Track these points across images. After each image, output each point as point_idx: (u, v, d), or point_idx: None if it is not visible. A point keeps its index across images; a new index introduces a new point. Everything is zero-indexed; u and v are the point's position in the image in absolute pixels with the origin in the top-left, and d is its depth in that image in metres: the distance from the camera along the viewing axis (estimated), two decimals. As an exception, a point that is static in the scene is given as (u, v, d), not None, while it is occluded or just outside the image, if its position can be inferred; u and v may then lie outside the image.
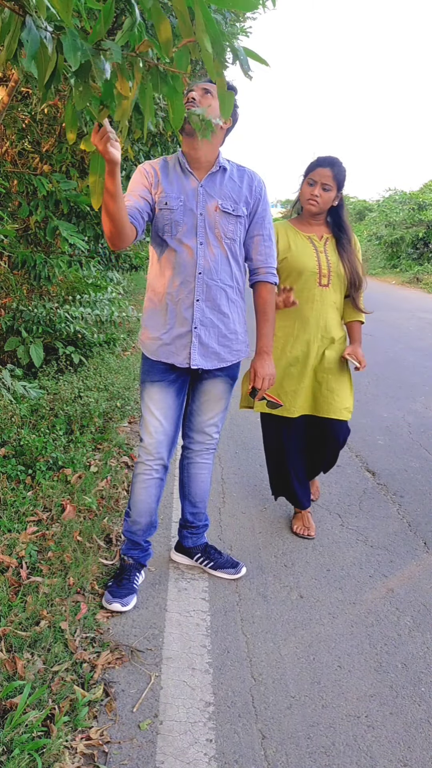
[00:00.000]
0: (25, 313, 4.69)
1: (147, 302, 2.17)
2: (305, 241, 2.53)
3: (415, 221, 17.91)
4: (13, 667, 1.78)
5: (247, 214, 2.10)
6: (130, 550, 2.29)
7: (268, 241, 2.15)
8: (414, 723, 1.71)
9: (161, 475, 2.24)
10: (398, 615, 2.18)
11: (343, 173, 2.45)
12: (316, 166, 2.44)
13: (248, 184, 2.12)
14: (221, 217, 2.05)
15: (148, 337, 2.14)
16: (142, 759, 1.56)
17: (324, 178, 2.42)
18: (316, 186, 2.43)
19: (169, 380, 2.15)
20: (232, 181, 2.09)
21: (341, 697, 1.80)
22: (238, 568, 2.38)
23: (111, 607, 2.14)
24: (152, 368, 2.15)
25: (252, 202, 2.11)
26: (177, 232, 2.02)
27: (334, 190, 2.44)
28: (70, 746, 1.55)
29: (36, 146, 4.65)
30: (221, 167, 2.07)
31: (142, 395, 2.19)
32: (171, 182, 2.04)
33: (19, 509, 2.67)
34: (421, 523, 2.88)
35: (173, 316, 2.09)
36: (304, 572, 2.44)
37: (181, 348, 2.10)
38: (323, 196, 2.44)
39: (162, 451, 2.20)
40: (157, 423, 2.16)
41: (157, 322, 2.12)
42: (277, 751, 1.60)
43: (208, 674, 1.86)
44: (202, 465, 2.35)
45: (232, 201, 2.07)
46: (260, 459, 3.62)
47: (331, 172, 2.41)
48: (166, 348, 2.11)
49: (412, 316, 9.57)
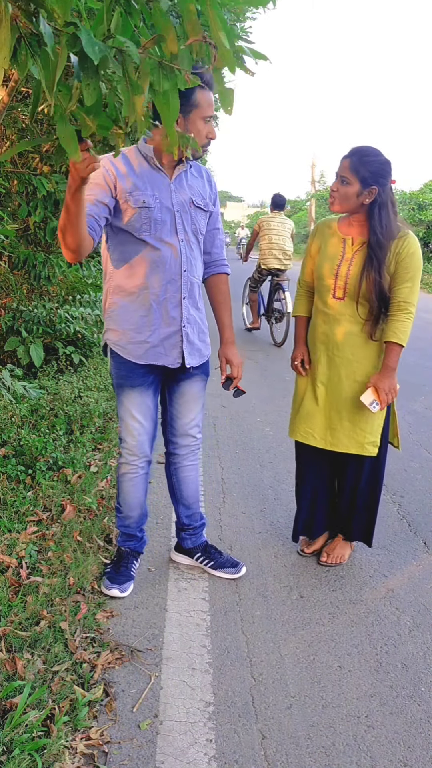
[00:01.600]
0: (25, 313, 4.69)
1: (114, 305, 2.08)
2: (338, 244, 2.25)
3: (415, 221, 17.91)
4: (13, 667, 1.78)
5: (211, 209, 2.15)
6: (126, 542, 2.35)
7: (221, 234, 2.24)
8: (414, 723, 1.71)
9: (146, 470, 2.28)
10: (398, 615, 2.18)
11: (371, 164, 2.09)
12: (342, 158, 2.17)
13: (207, 179, 2.16)
14: (196, 212, 2.07)
15: (129, 341, 2.07)
16: (142, 759, 1.56)
17: (342, 170, 2.14)
18: (337, 179, 2.17)
19: (149, 383, 2.14)
20: (194, 176, 2.11)
21: (341, 697, 1.80)
22: (238, 568, 2.38)
23: (110, 593, 2.20)
24: (132, 372, 2.10)
25: (213, 197, 2.16)
26: (157, 230, 1.99)
27: (355, 185, 2.11)
28: (70, 746, 1.55)
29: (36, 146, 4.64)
30: (188, 164, 2.07)
31: (121, 399, 2.16)
32: (142, 179, 1.96)
33: (19, 509, 2.67)
34: (421, 523, 2.87)
35: (159, 316, 2.06)
36: (304, 572, 2.44)
37: (171, 348, 2.09)
38: (340, 190, 2.15)
39: (145, 449, 2.23)
40: (139, 425, 2.17)
41: (137, 324, 2.06)
42: (277, 751, 1.60)
43: (208, 674, 1.86)
44: (190, 467, 2.35)
45: (201, 197, 2.09)
46: (260, 459, 3.62)
47: (350, 163, 2.11)
48: (155, 350, 2.08)
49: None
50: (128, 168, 1.96)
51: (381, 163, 2.11)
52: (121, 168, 1.95)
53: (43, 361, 4.62)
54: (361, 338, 2.24)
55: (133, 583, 2.28)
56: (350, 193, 2.13)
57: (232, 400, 4.85)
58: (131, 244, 2.00)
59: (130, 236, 1.99)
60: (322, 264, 2.27)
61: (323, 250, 2.29)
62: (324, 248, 2.29)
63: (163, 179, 2.00)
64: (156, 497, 3.01)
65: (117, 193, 1.94)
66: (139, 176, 1.96)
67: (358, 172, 2.10)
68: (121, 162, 1.96)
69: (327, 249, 2.27)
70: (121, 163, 1.96)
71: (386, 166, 2.12)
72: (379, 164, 2.11)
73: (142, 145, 2.00)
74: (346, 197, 2.14)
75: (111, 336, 2.11)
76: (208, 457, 3.61)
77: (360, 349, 2.25)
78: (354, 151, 2.13)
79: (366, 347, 2.24)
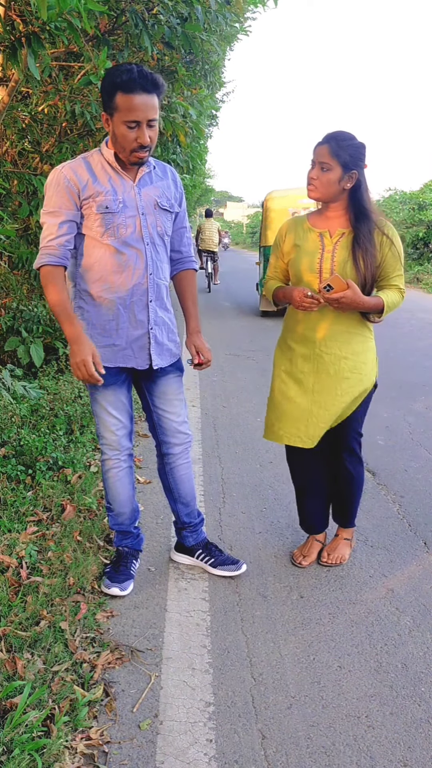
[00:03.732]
0: (25, 313, 4.69)
1: (80, 309, 2.07)
2: (315, 239, 2.19)
3: (416, 221, 17.90)
4: (13, 667, 1.78)
5: (177, 209, 2.16)
6: (123, 541, 2.36)
7: (188, 232, 2.26)
8: (414, 723, 1.71)
9: (129, 463, 2.29)
10: (398, 615, 2.18)
11: (349, 148, 2.05)
12: (316, 145, 2.12)
13: (173, 179, 2.16)
14: (161, 214, 2.08)
15: (97, 345, 2.04)
16: (142, 759, 1.56)
17: (321, 156, 2.07)
18: (315, 167, 2.11)
19: (121, 381, 2.16)
20: (158, 177, 2.11)
21: (341, 697, 1.80)
22: (239, 565, 2.38)
23: (110, 591, 2.20)
24: (103, 375, 2.07)
25: (179, 197, 2.16)
26: (121, 234, 1.99)
27: (336, 170, 2.06)
28: (70, 746, 1.55)
29: (36, 146, 4.65)
30: (151, 165, 2.07)
31: (95, 397, 2.17)
32: (104, 184, 1.96)
33: (19, 509, 2.67)
34: (421, 523, 2.87)
35: (125, 319, 2.06)
36: (304, 572, 2.44)
37: (139, 350, 2.11)
38: (321, 178, 2.08)
39: (125, 443, 2.25)
40: (116, 421, 2.19)
41: (105, 328, 2.06)
42: (277, 751, 1.60)
43: (208, 674, 1.86)
44: (185, 465, 2.35)
45: (166, 198, 2.10)
46: (260, 459, 3.62)
47: (329, 149, 2.05)
48: (123, 353, 2.10)
49: (413, 317, 9.57)
50: (90, 174, 1.96)
51: (357, 147, 2.08)
52: (83, 175, 1.95)
53: (43, 361, 4.63)
54: (348, 333, 2.21)
55: (133, 582, 2.28)
56: (332, 180, 2.08)
57: (232, 400, 4.86)
58: (96, 249, 2.00)
59: (94, 241, 2.00)
60: (299, 261, 2.21)
61: (300, 247, 2.22)
62: (301, 246, 2.22)
63: (126, 183, 2.00)
64: (156, 497, 3.01)
65: (81, 202, 1.95)
66: (102, 181, 1.97)
67: (339, 157, 2.06)
68: (83, 168, 1.96)
69: (304, 246, 2.21)
70: (84, 170, 1.96)
71: (362, 149, 2.10)
72: (356, 148, 2.08)
73: (105, 150, 2.00)
74: (328, 184, 2.09)
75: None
76: (208, 457, 3.61)
77: (347, 345, 2.22)
78: (330, 136, 2.09)
79: (353, 341, 2.22)
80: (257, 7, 6.27)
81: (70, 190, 1.94)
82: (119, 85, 1.85)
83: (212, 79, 6.46)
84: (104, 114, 1.93)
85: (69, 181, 1.94)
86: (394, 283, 2.18)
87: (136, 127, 1.88)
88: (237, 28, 6.50)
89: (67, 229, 1.95)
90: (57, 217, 1.94)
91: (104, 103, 1.92)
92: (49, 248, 1.95)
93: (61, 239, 1.94)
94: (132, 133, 1.89)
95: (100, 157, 2.01)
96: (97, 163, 1.99)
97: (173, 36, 3.57)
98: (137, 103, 1.85)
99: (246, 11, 6.35)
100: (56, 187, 1.95)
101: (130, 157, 1.95)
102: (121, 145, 1.93)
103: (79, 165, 1.97)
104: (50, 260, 1.94)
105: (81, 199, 1.95)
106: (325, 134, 2.11)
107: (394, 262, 2.16)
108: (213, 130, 14.22)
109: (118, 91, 1.85)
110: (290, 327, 2.32)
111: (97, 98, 3.86)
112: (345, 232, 2.15)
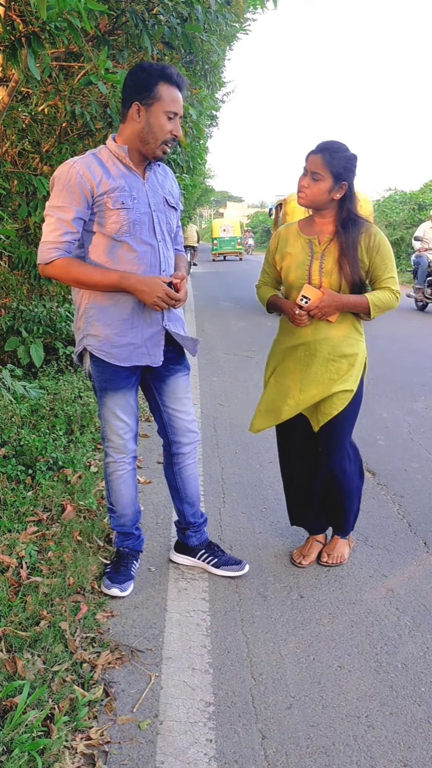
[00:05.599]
0: (26, 313, 4.70)
1: (92, 309, 2.04)
2: (305, 246, 2.24)
3: (416, 221, 17.89)
4: (13, 667, 1.78)
5: (180, 207, 2.19)
6: (124, 541, 2.36)
7: (181, 230, 2.29)
8: (414, 723, 1.71)
9: (133, 465, 2.30)
10: (398, 615, 2.18)
11: (343, 160, 2.10)
12: (308, 154, 2.16)
13: (171, 177, 2.18)
14: (169, 212, 2.09)
15: (113, 345, 2.04)
16: (142, 759, 1.56)
17: (314, 166, 2.11)
18: (307, 176, 2.15)
19: (131, 384, 2.16)
20: (162, 175, 2.12)
21: (341, 697, 1.80)
22: (242, 565, 2.38)
23: (110, 592, 2.20)
24: (116, 376, 2.10)
25: (179, 195, 2.19)
26: (137, 231, 1.98)
27: (327, 180, 2.10)
28: (70, 746, 1.55)
29: (36, 146, 4.65)
30: (155, 163, 2.08)
31: (104, 401, 2.15)
32: (118, 179, 1.94)
33: (19, 509, 2.67)
34: (421, 523, 2.87)
35: (140, 317, 2.04)
36: (304, 572, 2.44)
37: (153, 347, 2.10)
38: (312, 187, 2.12)
39: (131, 446, 2.25)
40: (124, 424, 2.19)
41: (119, 327, 2.04)
42: (277, 751, 1.60)
43: (208, 674, 1.86)
44: (192, 465, 2.35)
45: (171, 195, 2.12)
46: (260, 459, 3.62)
47: (322, 159, 2.09)
48: (138, 351, 2.08)
49: (413, 316, 9.58)
50: (103, 170, 1.94)
51: (349, 159, 2.12)
52: (96, 171, 1.92)
53: (43, 361, 4.63)
54: (338, 338, 2.23)
55: (133, 583, 2.28)
56: (323, 189, 2.12)
57: (232, 400, 4.86)
58: (110, 246, 1.99)
59: (108, 239, 1.98)
60: (289, 268, 2.26)
61: (291, 254, 2.26)
62: (291, 252, 2.26)
63: (138, 179, 2.00)
64: (156, 497, 3.01)
65: (94, 199, 1.93)
66: (115, 178, 1.95)
67: (332, 168, 2.09)
68: (95, 164, 1.94)
69: (294, 252, 2.25)
70: (96, 166, 1.93)
71: (354, 161, 2.14)
72: (348, 159, 2.12)
73: (113, 145, 1.98)
74: (319, 193, 2.13)
75: (91, 342, 2.06)
76: (208, 457, 3.61)
77: (336, 348, 2.24)
78: (323, 146, 2.12)
79: (343, 344, 2.24)
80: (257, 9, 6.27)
81: (83, 186, 1.90)
82: (163, 76, 1.87)
83: (212, 79, 6.45)
84: (136, 104, 1.90)
85: (82, 177, 1.89)
86: (386, 285, 2.22)
87: (174, 119, 1.92)
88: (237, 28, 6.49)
89: (75, 227, 1.93)
90: (66, 213, 1.90)
91: (137, 93, 1.90)
92: (56, 242, 1.91)
93: (68, 236, 1.92)
94: (170, 124, 1.91)
95: (108, 152, 1.98)
96: (107, 159, 1.97)
97: (173, 36, 3.57)
98: (178, 95, 1.91)
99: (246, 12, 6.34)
100: (67, 182, 1.90)
101: (156, 150, 1.94)
102: (153, 136, 1.92)
103: (91, 161, 1.94)
104: (61, 254, 1.92)
105: (95, 196, 1.92)
106: (318, 143, 2.15)
107: (383, 265, 2.20)
108: (213, 130, 14.22)
109: (161, 81, 1.87)
110: (286, 327, 2.36)
111: (97, 98, 3.86)
112: (333, 239, 2.19)
